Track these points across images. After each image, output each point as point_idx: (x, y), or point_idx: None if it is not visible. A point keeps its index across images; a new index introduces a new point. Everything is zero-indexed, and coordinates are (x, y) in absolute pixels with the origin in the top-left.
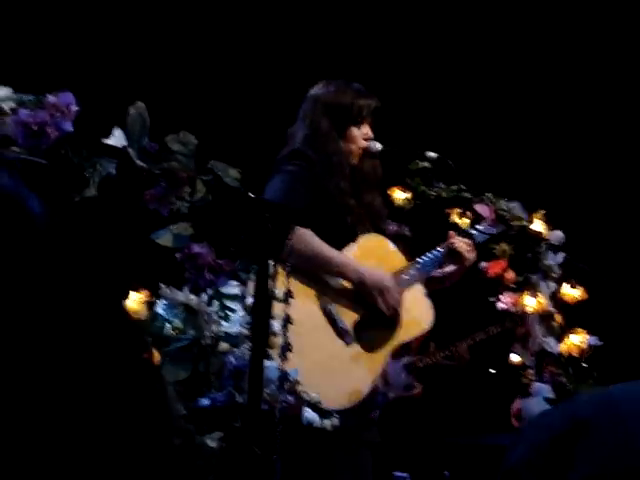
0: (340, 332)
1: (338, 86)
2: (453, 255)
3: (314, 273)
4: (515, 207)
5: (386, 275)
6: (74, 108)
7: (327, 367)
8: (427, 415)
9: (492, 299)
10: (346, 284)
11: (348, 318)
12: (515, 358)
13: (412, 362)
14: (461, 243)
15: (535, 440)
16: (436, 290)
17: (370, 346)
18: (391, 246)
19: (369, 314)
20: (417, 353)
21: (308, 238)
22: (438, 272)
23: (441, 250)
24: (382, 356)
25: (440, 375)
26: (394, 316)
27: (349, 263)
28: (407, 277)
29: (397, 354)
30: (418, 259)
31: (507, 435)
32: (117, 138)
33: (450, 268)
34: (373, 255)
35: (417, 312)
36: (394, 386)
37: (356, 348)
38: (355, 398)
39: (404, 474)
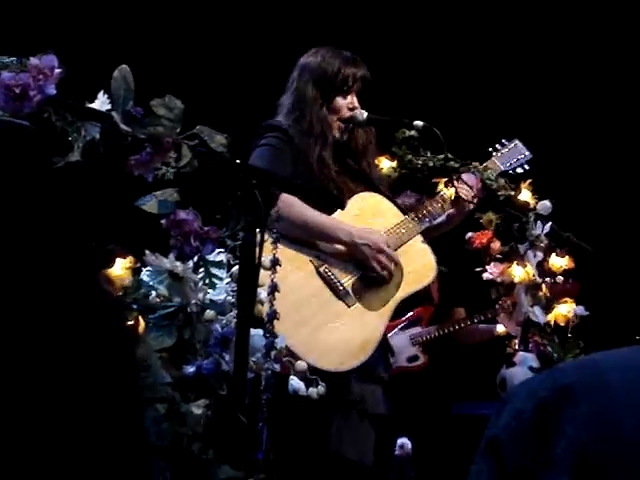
0: (340, 295)
1: (326, 54)
2: (454, 201)
3: (305, 239)
4: (517, 144)
5: (380, 234)
6: (57, 71)
7: (329, 331)
8: (420, 384)
9: (478, 269)
10: (339, 247)
11: (346, 279)
12: (500, 328)
13: (420, 334)
14: (463, 189)
15: (518, 408)
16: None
17: (372, 305)
18: (387, 202)
19: (366, 274)
20: (428, 324)
21: (295, 203)
22: (439, 219)
23: (441, 200)
24: (386, 313)
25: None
26: (391, 274)
27: (339, 226)
28: (404, 230)
29: (410, 322)
30: (412, 214)
31: (491, 404)
32: (101, 102)
33: (451, 212)
34: (367, 212)
35: (419, 264)
36: (398, 357)
37: (358, 309)
38: (357, 360)
39: (406, 439)
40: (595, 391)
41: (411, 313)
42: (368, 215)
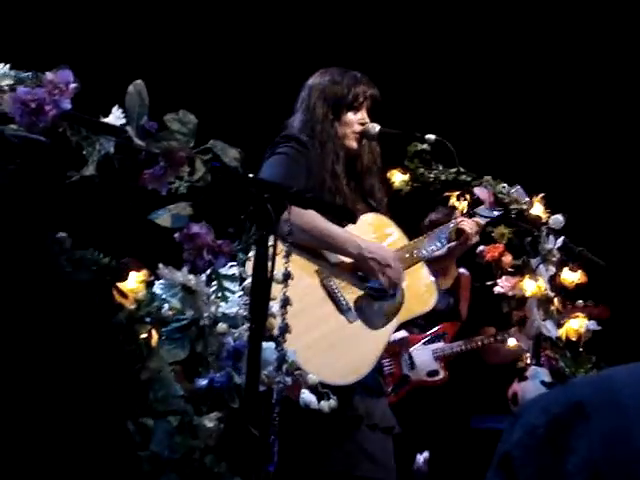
0: (342, 309)
1: (334, 74)
2: (458, 234)
3: (314, 249)
4: (518, 190)
5: (388, 250)
6: (73, 86)
7: (329, 344)
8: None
9: (489, 283)
10: (347, 260)
11: (350, 294)
12: (512, 342)
13: (443, 349)
14: (468, 223)
15: (531, 423)
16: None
17: (373, 323)
18: (392, 225)
19: (371, 290)
20: (452, 340)
21: (306, 213)
22: (440, 250)
23: (446, 230)
24: (385, 334)
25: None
26: (396, 292)
27: (349, 237)
28: (408, 255)
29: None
30: (421, 238)
31: (503, 418)
32: (116, 117)
33: (453, 245)
34: (375, 232)
35: (420, 290)
36: (418, 371)
37: (358, 325)
38: (356, 376)
39: (425, 453)
40: (607, 408)
41: (437, 328)
42: (377, 234)
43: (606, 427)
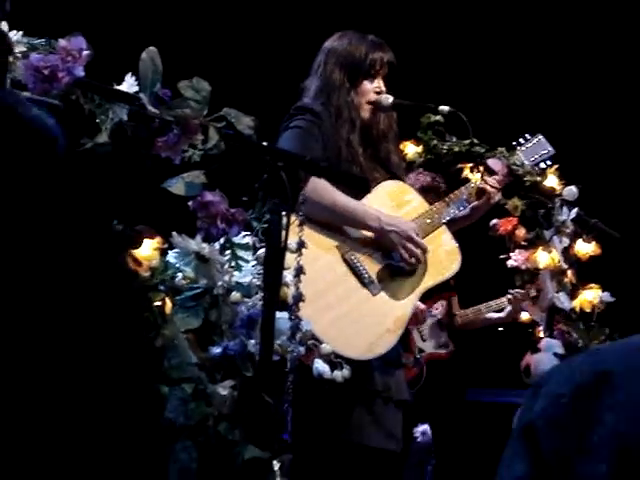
0: (364, 282)
1: (352, 38)
2: (479, 194)
3: (333, 224)
4: (540, 140)
5: (408, 222)
6: (86, 53)
7: (354, 318)
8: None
9: (503, 256)
10: (367, 233)
11: (371, 267)
12: (525, 315)
13: (445, 319)
14: (489, 182)
15: (555, 392)
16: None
17: (396, 294)
18: (412, 191)
19: (392, 262)
20: (449, 310)
21: (323, 187)
22: (462, 211)
23: (466, 191)
24: (409, 304)
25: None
26: (418, 263)
27: (368, 211)
28: (429, 221)
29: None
30: (442, 202)
31: (515, 392)
32: (129, 84)
33: (475, 204)
34: (394, 201)
35: (443, 256)
36: (429, 343)
37: (382, 297)
38: (382, 348)
39: (424, 425)
40: (634, 376)
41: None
42: (395, 202)
43: (632, 398)
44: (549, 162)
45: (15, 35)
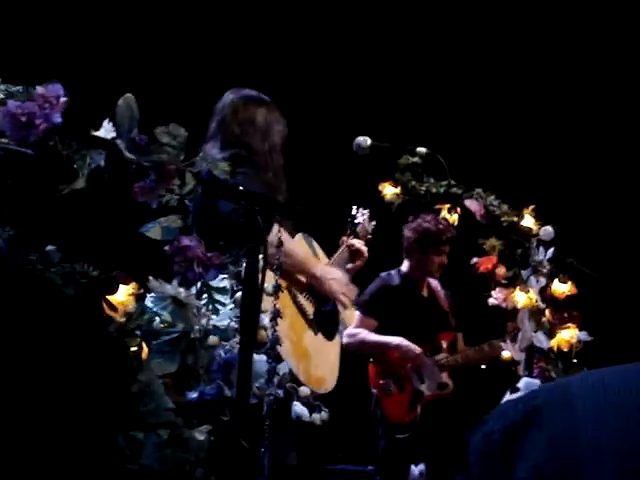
0: (309, 323)
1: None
2: (353, 254)
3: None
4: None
5: (341, 273)
6: (63, 99)
7: (309, 354)
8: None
9: (485, 294)
10: (303, 278)
11: (310, 309)
12: (505, 353)
13: (447, 360)
14: (356, 242)
15: (489, 429)
16: None
17: (327, 335)
18: (312, 241)
19: (323, 307)
20: (449, 350)
21: (292, 252)
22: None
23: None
24: (338, 345)
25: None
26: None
27: (314, 263)
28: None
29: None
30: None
31: None
32: (106, 130)
33: (357, 264)
34: (310, 251)
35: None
36: (429, 384)
37: (320, 337)
38: (330, 385)
39: (421, 465)
40: (559, 410)
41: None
42: (310, 253)
43: (555, 431)
44: None
45: None
